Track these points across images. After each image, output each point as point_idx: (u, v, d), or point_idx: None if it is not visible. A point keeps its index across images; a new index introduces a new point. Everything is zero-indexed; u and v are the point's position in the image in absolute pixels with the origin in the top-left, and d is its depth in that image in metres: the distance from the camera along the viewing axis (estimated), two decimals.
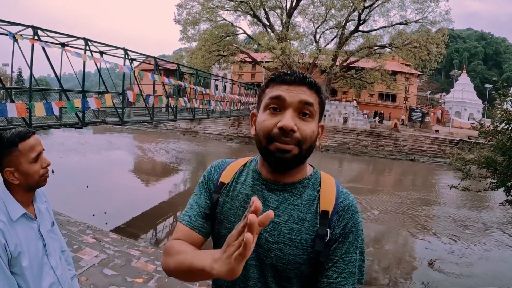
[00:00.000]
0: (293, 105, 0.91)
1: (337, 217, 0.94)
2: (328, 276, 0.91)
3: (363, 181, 17.62)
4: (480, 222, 10.93)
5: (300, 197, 0.96)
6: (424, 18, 30.29)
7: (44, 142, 1.50)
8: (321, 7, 31.67)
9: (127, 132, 31.74)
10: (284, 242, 0.92)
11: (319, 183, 1.00)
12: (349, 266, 0.91)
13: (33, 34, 8.17)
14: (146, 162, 19.17)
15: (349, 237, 0.93)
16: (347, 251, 0.92)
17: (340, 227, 0.93)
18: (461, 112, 49.59)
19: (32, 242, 1.37)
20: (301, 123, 0.91)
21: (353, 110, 31.84)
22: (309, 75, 0.96)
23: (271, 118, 0.91)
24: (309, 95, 0.93)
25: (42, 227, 1.44)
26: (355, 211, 0.96)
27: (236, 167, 1.08)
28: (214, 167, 1.11)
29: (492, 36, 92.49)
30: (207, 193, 1.06)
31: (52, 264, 1.44)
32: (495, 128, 6.55)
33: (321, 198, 0.96)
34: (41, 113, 7.83)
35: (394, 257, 8.01)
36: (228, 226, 0.98)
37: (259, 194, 0.98)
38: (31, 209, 1.43)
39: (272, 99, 0.92)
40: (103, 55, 12.06)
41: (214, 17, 32.54)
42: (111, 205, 10.22)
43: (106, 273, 3.42)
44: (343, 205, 0.95)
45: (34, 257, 1.36)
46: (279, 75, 0.95)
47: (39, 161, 1.39)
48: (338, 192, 0.98)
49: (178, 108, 17.55)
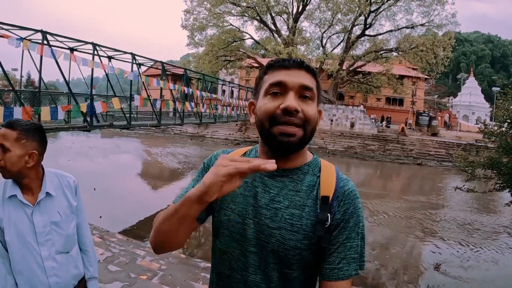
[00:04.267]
0: (294, 88, 0.92)
1: (337, 202, 0.94)
2: (330, 261, 0.92)
3: (370, 185, 17.48)
4: (488, 226, 10.78)
5: (301, 183, 0.97)
6: (431, 22, 30.18)
7: (52, 145, 1.57)
8: (328, 11, 31.75)
9: (134, 137, 31.96)
10: (285, 227, 0.92)
11: (319, 169, 1.01)
12: (351, 252, 0.92)
13: (42, 39, 8.33)
14: (153, 166, 19.26)
15: (350, 222, 0.94)
16: (348, 236, 0.93)
17: (340, 212, 0.94)
18: (468, 116, 49.12)
19: (21, 224, 1.44)
20: (303, 104, 0.92)
21: (360, 115, 31.67)
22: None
23: (273, 101, 0.92)
24: (308, 78, 0.94)
25: (39, 215, 1.48)
26: (355, 197, 0.97)
27: (236, 155, 1.07)
28: (215, 155, 1.13)
29: (499, 38, 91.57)
30: None
31: (42, 253, 1.47)
32: (499, 128, 6.51)
33: (321, 184, 0.97)
34: (46, 117, 7.92)
35: (401, 261, 7.93)
36: (228, 213, 0.99)
37: (259, 180, 0.99)
38: (33, 196, 1.50)
39: (273, 85, 0.93)
40: (111, 59, 12.24)
41: (221, 22, 32.74)
42: (118, 207, 10.30)
43: (111, 269, 3.48)
44: (343, 190, 0.96)
45: (20, 238, 1.42)
46: (277, 60, 0.97)
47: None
48: (338, 178, 0.99)
49: (185, 112, 17.69)
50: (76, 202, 1.66)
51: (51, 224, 1.50)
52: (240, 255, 0.97)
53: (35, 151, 1.46)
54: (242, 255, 0.97)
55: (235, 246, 0.97)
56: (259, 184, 0.98)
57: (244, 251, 0.96)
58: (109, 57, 12.15)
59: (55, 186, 1.58)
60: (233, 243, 0.98)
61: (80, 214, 1.70)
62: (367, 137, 29.25)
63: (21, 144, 1.41)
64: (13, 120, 1.45)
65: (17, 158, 1.41)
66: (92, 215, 8.15)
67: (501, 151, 6.20)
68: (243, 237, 0.96)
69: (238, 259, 0.97)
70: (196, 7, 32.78)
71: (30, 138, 1.45)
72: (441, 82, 79.31)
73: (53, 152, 18.54)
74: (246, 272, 0.96)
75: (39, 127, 1.53)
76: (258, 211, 0.95)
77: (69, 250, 1.59)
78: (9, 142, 1.39)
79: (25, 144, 1.43)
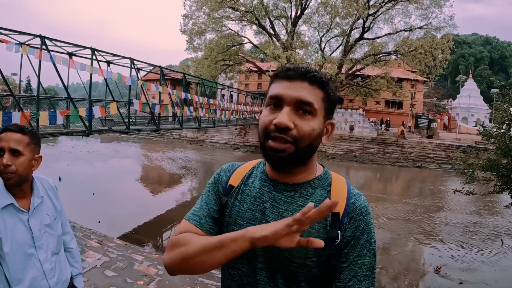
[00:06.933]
0: (291, 103, 0.89)
1: (348, 219, 0.91)
2: (341, 279, 0.89)
3: (370, 188, 17.47)
4: (488, 228, 10.76)
5: (310, 198, 0.94)
6: (429, 24, 30.23)
7: (51, 150, 1.61)
8: (326, 15, 31.78)
9: (134, 141, 31.98)
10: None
11: (329, 184, 0.98)
12: (362, 269, 0.89)
13: (41, 44, 8.34)
14: (152, 171, 19.26)
15: (361, 239, 0.91)
16: (360, 254, 0.90)
17: (351, 229, 0.91)
18: (468, 118, 49.17)
19: (18, 231, 1.44)
20: (300, 120, 0.88)
21: (359, 118, 31.71)
22: (316, 70, 0.94)
23: (269, 114, 0.91)
24: (310, 91, 0.90)
25: (34, 220, 1.50)
26: (367, 213, 0.94)
27: (245, 170, 1.07)
28: (224, 169, 1.10)
29: (497, 40, 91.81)
30: (216, 195, 1.05)
31: (40, 257, 1.49)
32: (497, 130, 6.49)
33: (331, 199, 0.91)
34: (45, 122, 7.92)
35: (401, 264, 7.91)
36: (236, 229, 0.94)
37: (267, 195, 0.97)
38: (25, 201, 1.51)
39: (272, 98, 0.92)
40: (109, 64, 12.26)
41: (219, 27, 32.80)
42: (117, 212, 10.28)
43: (107, 274, 3.46)
44: (354, 206, 0.93)
45: (18, 246, 1.43)
46: (282, 70, 0.94)
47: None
48: (349, 193, 0.95)
49: (185, 117, 17.69)
50: (59, 203, 1.70)
51: (44, 227, 1.54)
52: (250, 271, 0.95)
53: (40, 155, 1.54)
54: (252, 271, 0.95)
55: (244, 262, 0.96)
56: (267, 199, 0.96)
57: (253, 267, 0.95)
58: (108, 62, 12.17)
59: (41, 189, 1.61)
60: (242, 259, 0.95)
61: (62, 213, 1.73)
62: (366, 140, 29.26)
63: (31, 149, 1.48)
64: (19, 125, 1.49)
65: (28, 162, 1.46)
66: (91, 220, 8.14)
67: (500, 152, 6.19)
68: (252, 254, 0.93)
69: (248, 275, 0.96)
70: (195, 11, 32.88)
71: (36, 143, 1.52)
72: (440, 85, 79.59)
73: (52, 157, 18.54)
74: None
75: (37, 132, 1.59)
76: None
77: (59, 251, 1.63)
78: (22, 146, 1.44)
79: (33, 148, 1.50)
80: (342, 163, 25.49)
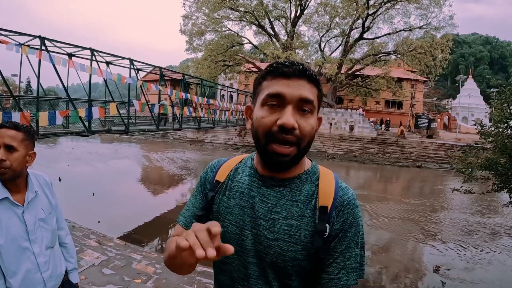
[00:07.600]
0: (293, 102, 0.87)
1: (336, 212, 0.92)
2: (329, 272, 0.90)
3: (370, 188, 17.45)
4: (488, 227, 10.75)
5: (299, 193, 0.95)
6: (428, 24, 30.32)
7: (52, 151, 1.65)
8: (325, 15, 31.91)
9: (134, 142, 31.97)
10: (283, 238, 0.90)
11: (317, 178, 0.98)
12: (350, 262, 0.91)
13: (41, 44, 8.36)
14: (152, 171, 19.25)
15: (349, 232, 0.92)
16: (348, 246, 0.91)
17: (339, 222, 0.92)
18: (468, 118, 49.11)
19: (12, 225, 1.47)
20: (301, 119, 0.88)
21: (359, 118, 31.70)
22: (308, 66, 0.93)
23: (270, 115, 0.88)
24: (309, 89, 0.89)
25: (28, 214, 1.53)
26: (355, 206, 0.94)
27: (231, 165, 1.08)
28: (210, 166, 1.11)
29: (497, 40, 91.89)
30: (201, 194, 1.07)
31: (35, 250, 1.53)
32: (496, 129, 6.49)
33: (319, 193, 0.94)
34: (44, 123, 7.94)
35: (401, 264, 7.90)
36: (225, 225, 0.97)
37: (256, 191, 0.97)
38: (20, 196, 1.54)
39: (271, 96, 0.88)
40: (109, 65, 12.27)
41: (219, 27, 32.91)
42: (117, 212, 10.27)
43: (105, 273, 3.48)
44: (342, 199, 0.94)
45: (13, 239, 1.45)
46: (277, 67, 0.90)
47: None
48: (337, 187, 0.96)
49: (184, 117, 17.71)
50: (54, 199, 1.73)
51: (39, 221, 1.57)
52: (240, 265, 0.96)
53: (34, 151, 1.59)
54: (242, 266, 0.96)
55: (235, 257, 0.96)
56: (256, 195, 0.97)
57: (244, 261, 0.95)
58: (107, 62, 12.18)
59: (36, 184, 1.64)
60: (232, 254, 0.97)
61: (57, 209, 1.76)
62: (366, 140, 29.25)
63: (25, 145, 1.52)
64: (14, 122, 1.54)
65: (22, 158, 1.50)
66: (91, 220, 8.15)
67: (498, 151, 6.19)
68: (242, 248, 0.95)
69: (239, 269, 0.97)
70: (194, 12, 33.00)
71: (30, 140, 1.57)
72: (440, 85, 79.55)
73: (52, 158, 18.57)
74: (247, 282, 0.95)
75: (32, 130, 1.64)
76: (256, 222, 0.94)
77: (54, 245, 1.67)
78: (17, 142, 1.49)
79: (28, 145, 1.54)
80: (342, 163, 25.46)
